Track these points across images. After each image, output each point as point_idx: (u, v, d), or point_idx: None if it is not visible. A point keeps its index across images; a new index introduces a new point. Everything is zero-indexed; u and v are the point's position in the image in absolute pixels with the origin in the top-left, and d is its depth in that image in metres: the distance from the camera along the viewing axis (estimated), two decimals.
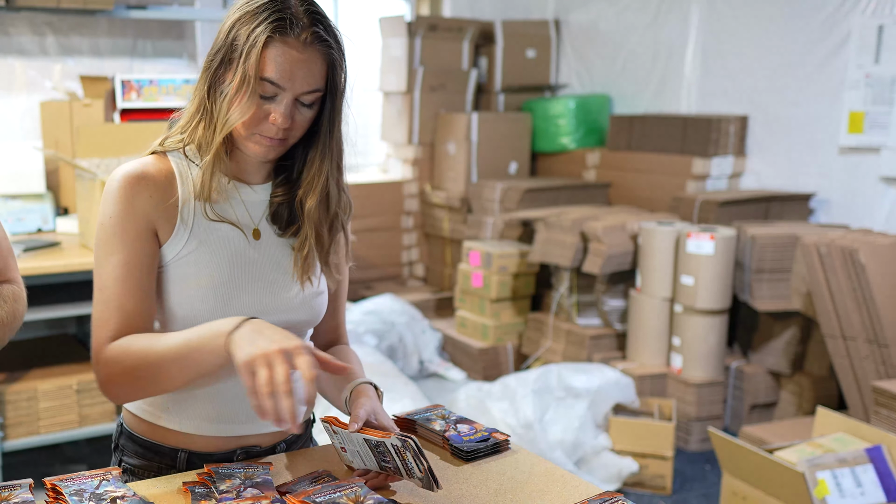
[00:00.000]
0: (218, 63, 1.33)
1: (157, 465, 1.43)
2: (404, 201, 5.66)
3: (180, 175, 1.38)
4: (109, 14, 3.65)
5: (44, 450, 3.54)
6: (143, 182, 1.35)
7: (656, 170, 4.90)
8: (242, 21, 1.30)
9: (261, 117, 1.31)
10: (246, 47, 1.28)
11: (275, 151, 1.36)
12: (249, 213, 1.42)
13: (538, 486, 1.35)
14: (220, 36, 1.34)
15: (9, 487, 1.22)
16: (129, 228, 1.34)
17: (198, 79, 1.38)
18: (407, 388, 3.78)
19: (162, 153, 1.41)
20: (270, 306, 1.40)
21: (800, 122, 4.51)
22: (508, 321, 4.82)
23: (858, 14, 4.21)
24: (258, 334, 1.19)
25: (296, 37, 1.29)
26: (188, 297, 1.36)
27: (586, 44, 5.77)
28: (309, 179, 1.40)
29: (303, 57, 1.30)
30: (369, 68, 5.87)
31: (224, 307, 1.36)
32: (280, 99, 1.31)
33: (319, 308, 1.48)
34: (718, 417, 4.04)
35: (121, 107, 3.73)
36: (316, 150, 1.39)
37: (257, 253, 1.41)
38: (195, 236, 1.37)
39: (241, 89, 1.29)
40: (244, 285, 1.39)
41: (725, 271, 3.97)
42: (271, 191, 1.44)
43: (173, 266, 1.37)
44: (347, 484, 1.26)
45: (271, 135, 1.33)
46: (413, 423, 1.54)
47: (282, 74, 1.29)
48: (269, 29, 1.28)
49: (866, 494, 2.64)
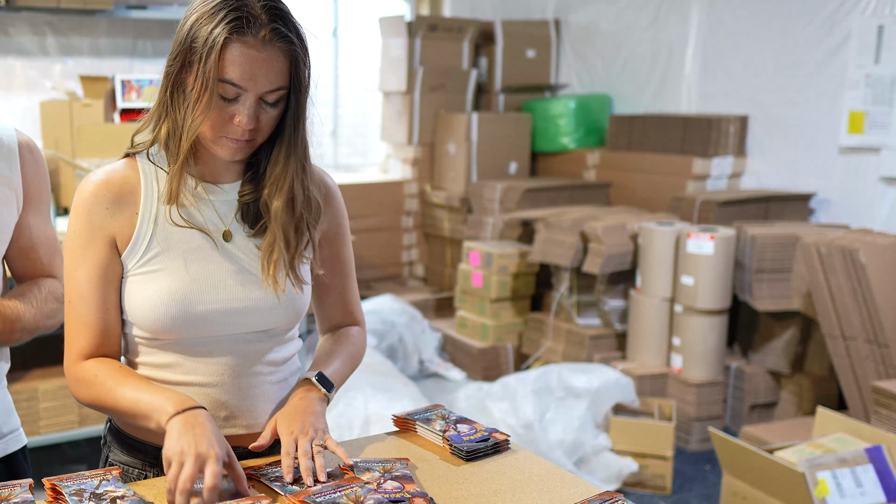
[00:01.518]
0: (178, 67, 1.30)
1: (142, 462, 1.44)
2: (404, 201, 5.66)
3: (145, 179, 1.38)
4: (109, 14, 3.65)
5: (44, 450, 3.54)
6: (100, 194, 1.35)
7: (656, 170, 4.90)
8: (200, 22, 1.27)
9: (225, 119, 1.29)
10: (205, 50, 1.26)
11: (242, 153, 1.34)
12: (219, 213, 1.40)
13: (538, 486, 1.35)
14: (178, 38, 1.31)
15: (9, 487, 1.22)
16: (89, 243, 1.35)
17: (160, 81, 1.36)
18: (407, 389, 3.78)
19: (133, 157, 1.40)
20: (236, 312, 1.39)
21: (800, 122, 4.51)
22: (508, 321, 4.82)
23: (858, 14, 4.21)
24: (187, 430, 1.24)
25: (254, 35, 1.26)
26: (150, 305, 1.35)
27: (586, 44, 5.77)
28: (273, 180, 1.37)
29: (263, 56, 1.27)
30: (369, 68, 5.87)
31: (185, 315, 1.35)
32: (243, 100, 1.28)
33: (293, 308, 1.44)
34: (718, 417, 4.04)
35: (121, 107, 3.73)
36: (280, 149, 1.37)
37: (226, 257, 1.39)
38: (157, 242, 1.36)
39: (202, 93, 1.27)
40: (209, 291, 1.37)
41: (725, 271, 3.97)
42: (239, 189, 1.42)
43: (134, 274, 1.37)
44: (348, 484, 1.26)
45: (237, 136, 1.31)
46: (413, 422, 1.54)
47: (242, 75, 1.26)
48: (227, 29, 1.25)
49: (866, 494, 2.64)
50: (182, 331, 1.37)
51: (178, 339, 1.38)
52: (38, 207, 1.55)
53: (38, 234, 1.56)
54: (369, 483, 1.27)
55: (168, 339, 1.38)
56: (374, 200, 5.48)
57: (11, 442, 1.56)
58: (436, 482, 1.34)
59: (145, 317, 1.36)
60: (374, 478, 1.30)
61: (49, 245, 1.58)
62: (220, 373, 1.41)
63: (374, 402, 3.51)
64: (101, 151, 3.32)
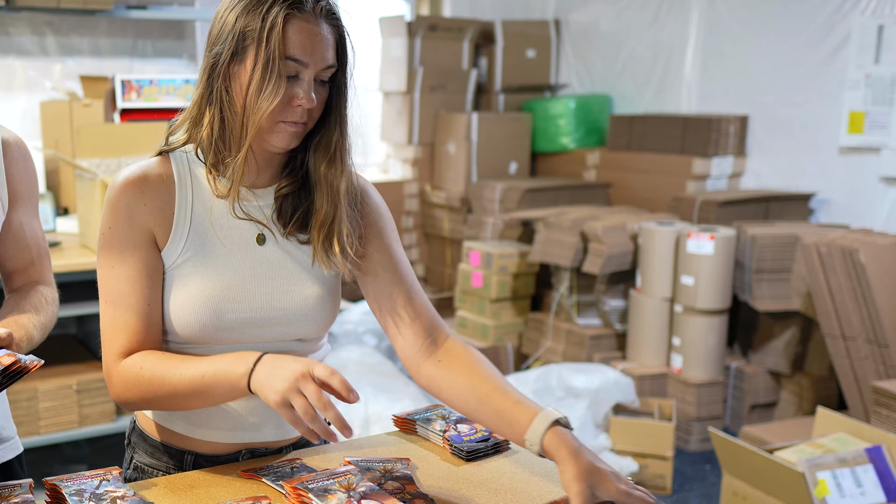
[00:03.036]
0: (228, 59, 1.30)
1: (166, 465, 1.43)
2: (404, 201, 5.66)
3: (179, 179, 1.36)
4: (109, 14, 3.65)
5: (44, 450, 3.54)
6: (139, 189, 1.33)
7: (656, 170, 4.90)
8: (249, 9, 1.28)
9: (284, 102, 1.29)
10: (265, 31, 1.26)
11: (298, 138, 1.34)
12: (254, 217, 1.39)
13: (538, 486, 1.35)
14: (222, 31, 1.31)
15: (9, 487, 1.22)
16: (128, 240, 1.32)
17: (197, 80, 1.36)
18: (407, 389, 3.78)
19: (166, 154, 1.39)
20: (265, 319, 1.37)
21: (800, 122, 4.51)
22: (508, 321, 4.82)
23: (858, 14, 4.21)
24: (275, 371, 1.22)
25: (310, 11, 1.29)
26: (181, 310, 1.33)
27: (586, 44, 5.77)
28: (322, 151, 1.37)
29: (319, 30, 1.30)
30: (369, 68, 5.87)
31: (216, 322, 1.34)
32: (302, 77, 1.29)
33: (322, 317, 1.42)
34: (718, 417, 4.04)
35: (121, 107, 3.73)
36: (328, 127, 1.37)
37: (258, 261, 1.37)
38: (193, 243, 1.35)
39: (268, 75, 1.27)
40: (240, 299, 1.35)
41: (725, 271, 3.97)
42: (277, 185, 1.41)
43: (170, 273, 1.35)
44: (341, 470, 1.27)
45: (296, 118, 1.31)
46: (413, 422, 1.54)
47: (304, 50, 1.28)
48: (286, 7, 1.27)
49: (866, 494, 2.64)
50: (212, 337, 1.35)
51: (207, 344, 1.36)
52: (27, 205, 1.54)
53: (29, 233, 1.55)
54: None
55: (197, 344, 1.36)
56: None
57: (8, 450, 1.55)
58: (436, 482, 1.34)
59: (176, 320, 1.34)
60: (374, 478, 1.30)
61: (38, 244, 1.57)
62: None
63: (375, 403, 3.51)
64: (101, 151, 3.32)
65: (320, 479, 1.23)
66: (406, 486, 1.29)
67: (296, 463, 1.36)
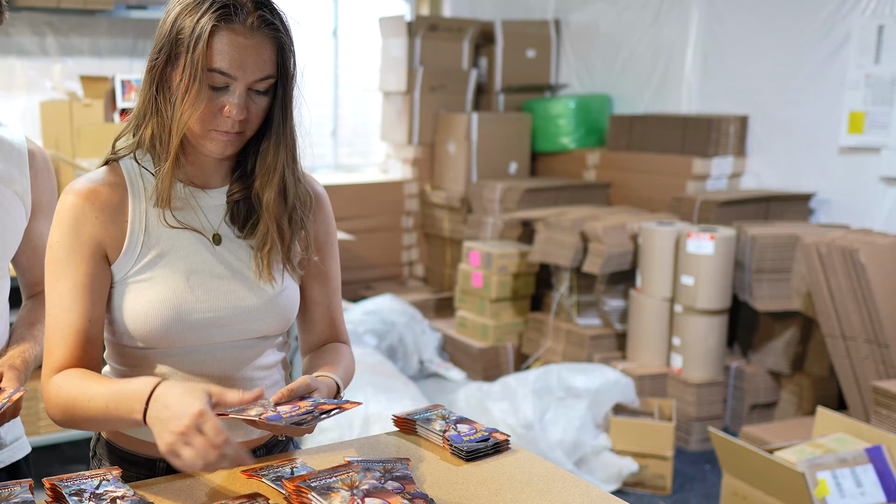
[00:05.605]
0: (163, 61, 1.28)
1: (135, 475, 1.40)
2: (404, 201, 5.66)
3: (132, 186, 1.34)
4: (109, 14, 3.66)
5: (44, 450, 3.54)
6: (89, 203, 1.31)
7: (656, 170, 4.90)
8: (185, 13, 1.26)
9: (214, 111, 1.27)
10: (192, 40, 1.24)
11: (233, 146, 1.32)
12: (208, 218, 1.38)
13: (538, 486, 1.35)
14: (162, 32, 1.29)
15: (9, 487, 1.22)
16: (75, 254, 1.31)
17: (141, 83, 1.34)
18: (407, 389, 3.78)
19: (115, 162, 1.37)
20: (229, 318, 1.36)
21: (800, 122, 4.51)
22: (508, 321, 4.82)
23: (858, 14, 4.21)
24: (169, 410, 1.17)
25: (241, 22, 1.25)
26: (145, 314, 1.32)
27: (586, 44, 5.77)
28: (265, 171, 1.35)
29: (251, 43, 1.26)
30: (369, 68, 5.87)
31: (180, 323, 1.33)
32: (233, 89, 1.27)
33: (285, 313, 1.42)
34: (718, 417, 4.04)
35: (121, 107, 3.73)
36: (269, 140, 1.34)
37: (217, 261, 1.37)
38: (150, 249, 1.33)
39: (191, 84, 1.24)
40: (202, 299, 1.34)
41: (725, 271, 3.97)
42: (228, 189, 1.39)
43: (125, 283, 1.34)
44: (344, 469, 1.27)
45: (227, 129, 1.29)
46: (413, 422, 1.54)
47: (231, 63, 1.25)
48: (214, 17, 1.23)
49: (866, 494, 2.64)
50: (177, 339, 1.34)
51: (172, 347, 1.36)
52: (48, 216, 1.56)
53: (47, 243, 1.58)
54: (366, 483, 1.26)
55: (162, 348, 1.36)
56: (374, 200, 5.48)
57: (17, 450, 1.56)
58: (436, 482, 1.34)
59: (140, 326, 1.33)
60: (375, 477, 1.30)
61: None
62: (214, 379, 1.38)
63: (375, 402, 3.51)
64: (101, 151, 3.32)
65: (323, 476, 1.23)
66: (406, 486, 1.29)
67: (296, 463, 1.36)
